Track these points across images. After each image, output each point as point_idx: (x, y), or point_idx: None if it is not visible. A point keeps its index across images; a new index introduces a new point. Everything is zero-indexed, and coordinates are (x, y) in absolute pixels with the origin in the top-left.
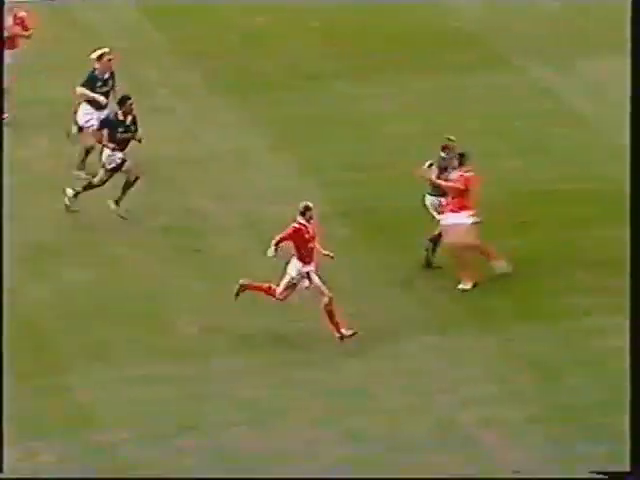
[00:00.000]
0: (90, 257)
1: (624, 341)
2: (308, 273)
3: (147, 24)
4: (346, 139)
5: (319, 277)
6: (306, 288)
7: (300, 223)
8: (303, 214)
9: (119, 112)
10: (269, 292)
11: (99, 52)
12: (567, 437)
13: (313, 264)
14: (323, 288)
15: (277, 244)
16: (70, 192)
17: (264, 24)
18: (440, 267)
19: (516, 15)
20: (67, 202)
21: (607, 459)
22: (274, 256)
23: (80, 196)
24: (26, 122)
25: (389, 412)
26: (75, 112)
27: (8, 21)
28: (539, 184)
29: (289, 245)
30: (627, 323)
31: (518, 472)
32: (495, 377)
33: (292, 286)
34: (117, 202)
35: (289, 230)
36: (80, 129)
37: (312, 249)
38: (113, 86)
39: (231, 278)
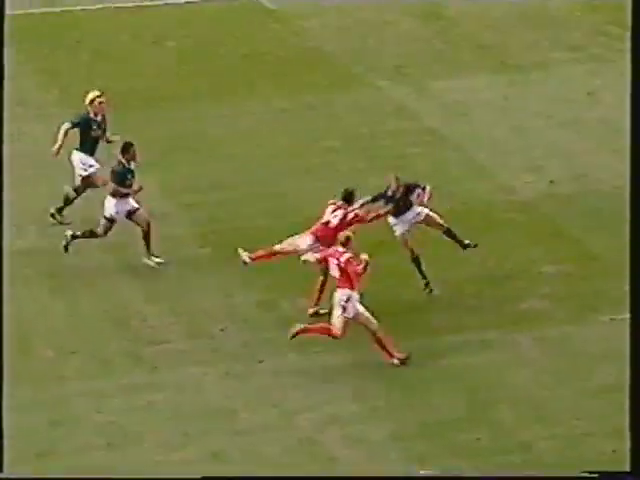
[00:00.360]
0: None
1: (481, 357)
2: (349, 298)
3: None
4: (204, 160)
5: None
6: (338, 316)
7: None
8: (344, 245)
9: (123, 160)
10: (326, 332)
11: (91, 95)
12: (429, 454)
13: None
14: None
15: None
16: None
17: (122, 40)
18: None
19: (371, 35)
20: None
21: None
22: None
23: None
24: None
25: (250, 432)
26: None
27: None
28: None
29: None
30: (481, 339)
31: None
32: (357, 395)
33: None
34: (149, 254)
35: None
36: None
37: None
38: (104, 129)
39: (90, 300)
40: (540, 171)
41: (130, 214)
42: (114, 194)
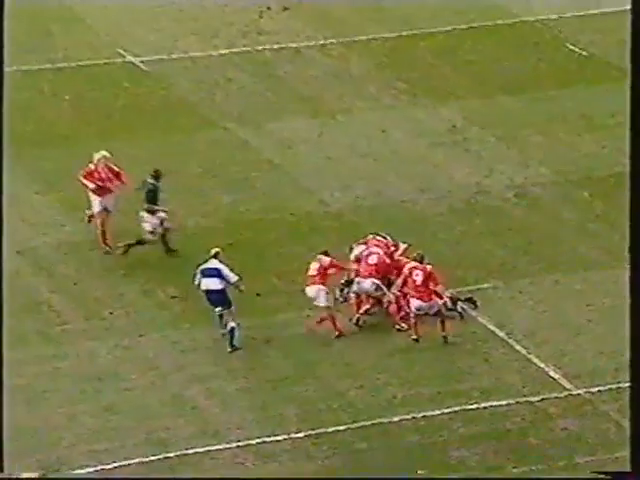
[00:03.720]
0: None
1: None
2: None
3: None
4: None
5: None
6: None
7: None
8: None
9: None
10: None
11: None
12: (270, 402)
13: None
14: None
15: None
16: None
17: (28, 96)
18: None
19: (220, 89)
20: None
21: (299, 419)
22: None
23: None
24: None
25: (134, 389)
26: None
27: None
28: (245, 214)
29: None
30: (306, 315)
31: None
32: (216, 359)
33: None
34: None
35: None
36: None
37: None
38: None
39: (11, 294)
40: (348, 189)
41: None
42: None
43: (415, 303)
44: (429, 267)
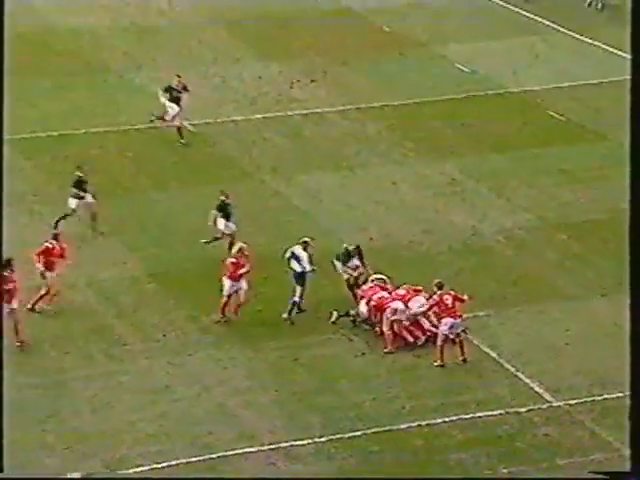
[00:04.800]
0: None
1: (328, 350)
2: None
3: (19, 156)
4: (152, 228)
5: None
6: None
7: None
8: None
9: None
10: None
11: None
12: (297, 412)
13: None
14: None
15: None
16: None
17: (96, 153)
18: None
19: (256, 147)
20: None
21: (322, 426)
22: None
23: None
24: None
25: (183, 400)
26: None
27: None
28: (277, 253)
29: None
30: (327, 338)
31: None
32: (252, 375)
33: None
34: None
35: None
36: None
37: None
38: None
39: (79, 319)
40: (363, 232)
41: None
42: None
43: (449, 321)
44: (452, 292)
